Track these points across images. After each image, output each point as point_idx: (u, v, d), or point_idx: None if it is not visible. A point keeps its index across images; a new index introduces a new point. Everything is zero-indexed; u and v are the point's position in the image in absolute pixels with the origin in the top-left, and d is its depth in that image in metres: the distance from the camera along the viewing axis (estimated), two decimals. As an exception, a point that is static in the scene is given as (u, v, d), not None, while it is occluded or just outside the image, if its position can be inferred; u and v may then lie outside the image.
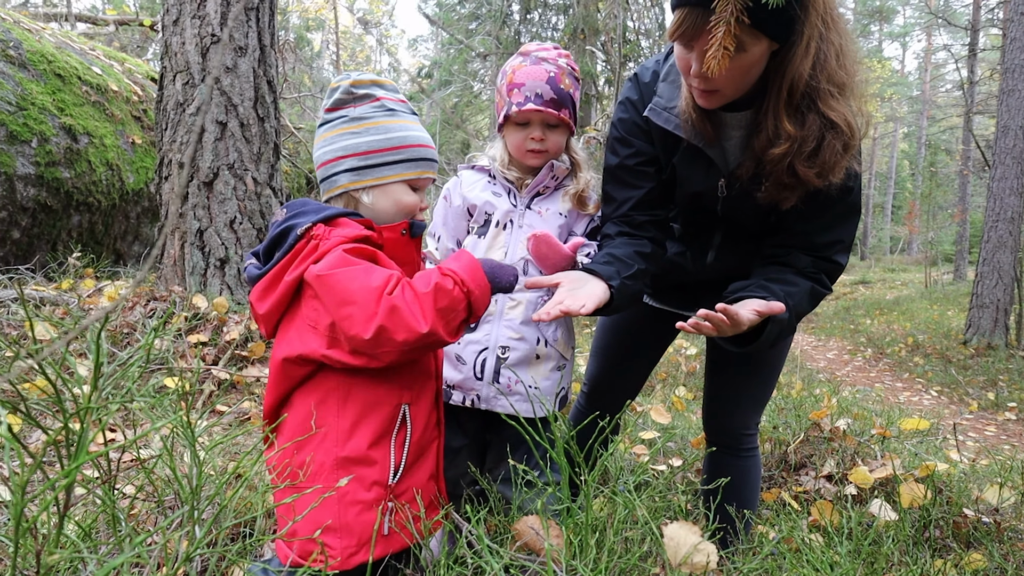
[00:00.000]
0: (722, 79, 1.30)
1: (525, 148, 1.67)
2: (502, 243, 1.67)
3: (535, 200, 1.71)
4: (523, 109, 1.61)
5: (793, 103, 1.30)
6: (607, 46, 8.96)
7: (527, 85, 1.62)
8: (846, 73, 1.30)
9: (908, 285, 19.18)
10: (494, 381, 1.63)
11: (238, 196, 3.54)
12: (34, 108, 3.92)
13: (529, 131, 1.65)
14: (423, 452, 1.28)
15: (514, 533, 1.13)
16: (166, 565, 0.67)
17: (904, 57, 37.40)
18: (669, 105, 1.50)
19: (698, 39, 1.25)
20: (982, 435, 5.14)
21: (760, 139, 1.36)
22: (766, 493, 2.46)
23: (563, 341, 1.71)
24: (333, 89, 1.31)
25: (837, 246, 1.52)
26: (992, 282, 8.55)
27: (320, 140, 1.32)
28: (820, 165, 1.31)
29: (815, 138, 1.30)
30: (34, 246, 4.12)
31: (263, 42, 3.69)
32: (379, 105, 1.29)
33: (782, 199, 1.41)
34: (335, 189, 1.30)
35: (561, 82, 1.63)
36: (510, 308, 1.66)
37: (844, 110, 1.29)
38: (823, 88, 1.28)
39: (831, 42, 1.27)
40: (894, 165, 34.37)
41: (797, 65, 1.26)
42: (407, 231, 1.27)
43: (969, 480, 2.49)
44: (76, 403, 0.69)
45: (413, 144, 1.30)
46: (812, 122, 1.30)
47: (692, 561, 0.91)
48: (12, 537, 0.56)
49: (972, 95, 15.14)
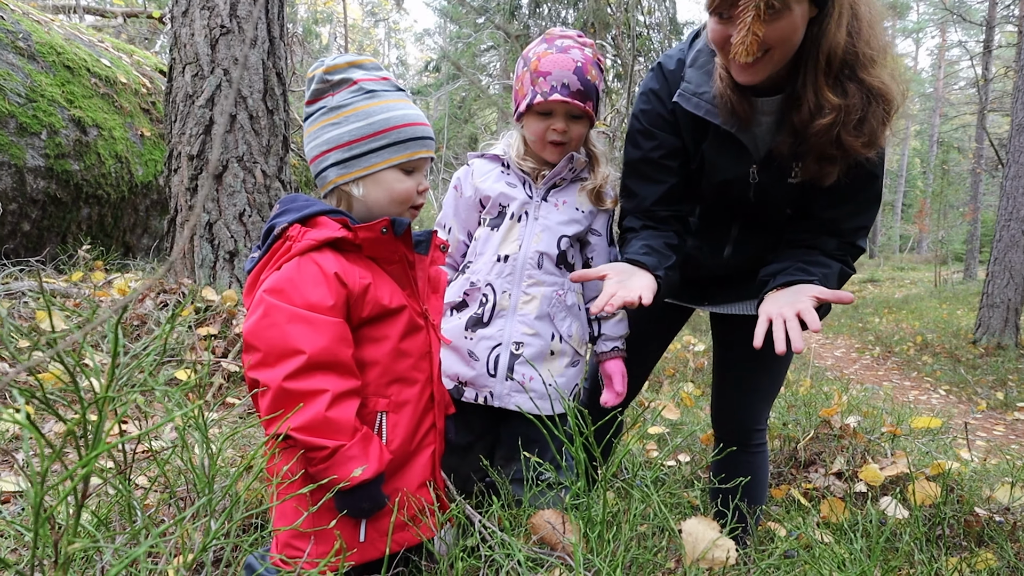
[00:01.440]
0: (772, 38, 1.26)
1: (546, 139, 1.61)
2: (516, 236, 1.63)
3: (551, 192, 1.67)
4: (550, 99, 1.55)
5: (832, 73, 1.30)
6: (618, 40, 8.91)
7: (554, 74, 1.56)
8: (877, 43, 1.29)
9: (917, 284, 19.07)
10: (508, 377, 1.60)
11: (247, 189, 3.54)
12: (43, 100, 3.93)
13: (551, 121, 1.59)
14: (408, 460, 1.23)
15: (530, 527, 1.12)
16: (183, 555, 0.66)
17: (917, 54, 37.05)
18: (699, 91, 1.47)
19: (736, 7, 1.23)
20: (991, 435, 5.10)
21: (801, 114, 1.34)
22: (775, 490, 2.45)
23: (577, 337, 1.68)
24: (310, 79, 1.23)
25: (861, 232, 1.52)
26: (1003, 281, 8.48)
27: (306, 135, 1.25)
28: (868, 134, 1.31)
29: (859, 107, 1.29)
30: (44, 238, 4.14)
31: (272, 34, 3.68)
32: (357, 89, 1.20)
33: (824, 175, 1.40)
34: (326, 185, 1.24)
35: (588, 73, 1.58)
36: (524, 303, 1.61)
37: (884, 76, 1.29)
38: (862, 56, 1.28)
39: (862, 14, 1.27)
40: (905, 163, 34.11)
41: (832, 34, 1.26)
42: (388, 229, 1.18)
43: (980, 479, 2.47)
44: (94, 393, 0.69)
45: (397, 125, 1.20)
46: (854, 91, 1.29)
47: (710, 557, 0.91)
48: (31, 527, 0.56)
49: (986, 92, 14.99)
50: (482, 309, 1.62)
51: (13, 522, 0.87)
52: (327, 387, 1.05)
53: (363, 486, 1.07)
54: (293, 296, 1.07)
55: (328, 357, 1.06)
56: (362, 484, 1.06)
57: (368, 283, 1.15)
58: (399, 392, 1.21)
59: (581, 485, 1.02)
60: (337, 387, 1.06)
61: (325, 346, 1.06)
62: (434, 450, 1.29)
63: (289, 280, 1.09)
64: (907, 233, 33.42)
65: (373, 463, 1.08)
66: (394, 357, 1.20)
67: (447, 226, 1.74)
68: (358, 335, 1.17)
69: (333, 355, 1.07)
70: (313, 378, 1.04)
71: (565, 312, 1.65)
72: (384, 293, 1.19)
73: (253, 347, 1.06)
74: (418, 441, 1.25)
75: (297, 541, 1.13)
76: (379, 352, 1.19)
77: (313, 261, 1.10)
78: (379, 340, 1.19)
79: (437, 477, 1.30)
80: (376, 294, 1.17)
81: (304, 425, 1.02)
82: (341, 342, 1.09)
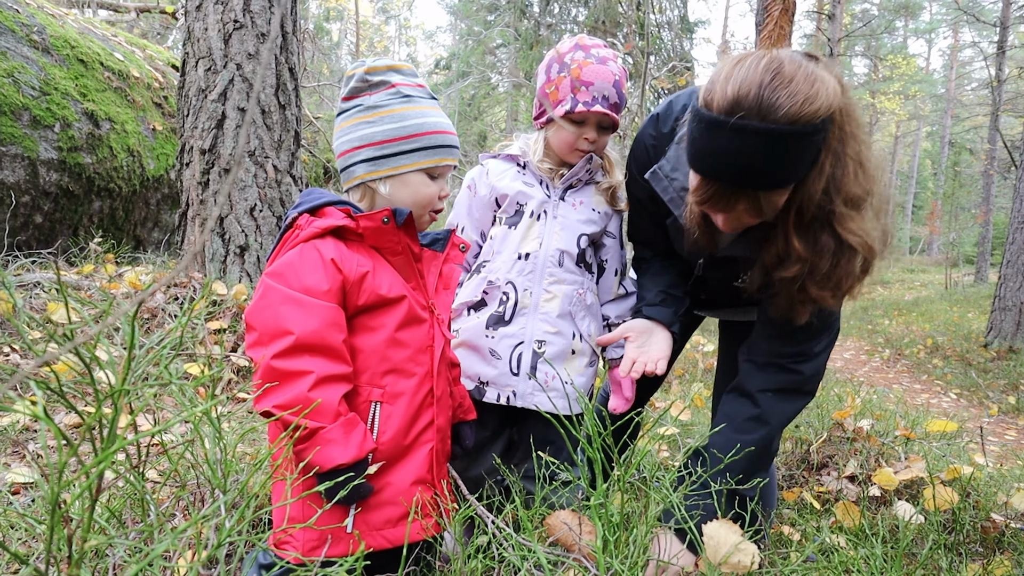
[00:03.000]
0: (750, 222, 1.25)
1: (575, 147, 1.62)
2: (536, 234, 1.63)
3: (568, 192, 1.68)
4: (592, 109, 1.55)
5: (803, 222, 1.22)
6: (628, 38, 8.88)
7: (596, 85, 1.56)
8: (863, 186, 1.21)
9: (928, 286, 18.93)
10: (531, 376, 1.59)
11: (259, 184, 3.54)
12: (57, 93, 3.94)
13: (584, 130, 1.60)
14: (402, 455, 1.22)
15: (546, 528, 1.11)
16: (197, 551, 0.65)
17: (930, 54, 36.77)
18: (672, 175, 1.42)
19: (731, 209, 1.19)
20: (1003, 439, 5.05)
21: (769, 254, 1.29)
22: (787, 492, 2.43)
23: (596, 335, 1.69)
24: (349, 77, 1.28)
25: (799, 357, 1.45)
26: (1016, 284, 8.39)
27: (338, 130, 1.29)
28: (835, 286, 1.24)
29: (829, 259, 1.22)
30: (56, 231, 4.15)
31: (285, 29, 3.68)
32: (395, 92, 1.26)
33: (795, 314, 1.34)
34: (352, 180, 1.28)
35: (623, 86, 1.61)
36: (546, 301, 1.61)
37: (860, 229, 1.21)
38: (837, 208, 1.19)
39: (848, 157, 1.18)
40: (916, 164, 33.86)
41: (809, 188, 1.18)
42: (390, 219, 1.21)
43: (995, 484, 2.44)
44: (109, 386, 0.68)
45: (430, 131, 1.26)
46: (825, 242, 1.22)
47: (734, 561, 0.89)
48: (47, 522, 0.55)
49: (1000, 94, 14.84)
50: (503, 307, 1.61)
51: (26, 514, 0.86)
52: (312, 369, 1.08)
53: (342, 470, 1.08)
54: (291, 279, 1.12)
55: (316, 340, 1.09)
56: (341, 468, 1.08)
57: (366, 271, 1.18)
58: (394, 383, 1.22)
59: (599, 486, 1.00)
60: (323, 370, 1.09)
61: (315, 329, 1.09)
62: (433, 448, 1.27)
63: (289, 264, 1.13)
64: (917, 235, 33.19)
65: (353, 449, 1.09)
66: (389, 346, 1.21)
67: (460, 226, 1.74)
68: (354, 322, 1.20)
69: (322, 338, 1.10)
70: (300, 359, 1.08)
71: (585, 311, 1.65)
72: (383, 283, 1.21)
73: (251, 327, 1.12)
74: (414, 436, 1.24)
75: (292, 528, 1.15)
76: (374, 340, 1.20)
77: (315, 248, 1.15)
78: (375, 329, 1.21)
79: (436, 477, 1.29)
80: (374, 283, 1.19)
81: (285, 403, 1.05)
82: (332, 327, 1.12)
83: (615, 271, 1.74)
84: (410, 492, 1.22)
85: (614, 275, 1.74)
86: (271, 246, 1.26)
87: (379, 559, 1.20)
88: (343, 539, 1.15)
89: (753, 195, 1.12)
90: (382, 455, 1.18)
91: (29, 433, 2.01)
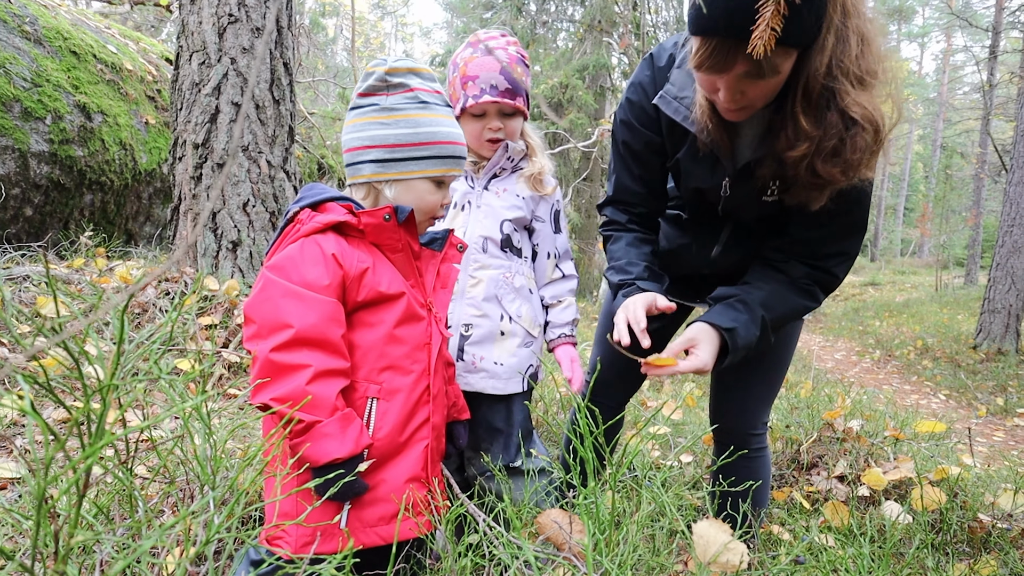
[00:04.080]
0: (752, 98, 1.24)
1: (484, 138, 1.70)
2: (461, 223, 1.72)
3: (492, 182, 1.76)
4: (480, 101, 1.63)
5: (811, 101, 1.23)
6: (624, 38, 8.88)
7: (481, 77, 1.64)
8: (867, 64, 1.20)
9: (918, 288, 19.05)
10: (459, 359, 1.65)
11: (252, 179, 3.52)
12: (49, 85, 3.91)
13: (486, 121, 1.68)
14: (398, 452, 1.23)
15: (536, 527, 1.11)
16: (185, 548, 0.65)
17: (922, 58, 36.97)
18: (681, 95, 1.42)
19: (730, 69, 1.18)
20: (991, 440, 5.10)
21: (780, 141, 1.29)
22: (777, 492, 2.44)
23: (528, 318, 1.72)
24: (368, 74, 1.27)
25: (838, 258, 1.47)
26: (1005, 287, 8.46)
27: (349, 125, 1.28)
28: (844, 163, 1.24)
29: (836, 135, 1.22)
30: (46, 224, 4.12)
31: (280, 23, 3.65)
32: (412, 96, 1.25)
33: (810, 200, 1.35)
34: (358, 177, 1.28)
35: (514, 71, 1.66)
36: (471, 286, 1.68)
37: (867, 104, 1.21)
38: (841, 83, 1.19)
39: (851, 32, 1.18)
40: (908, 167, 34.06)
41: (813, 64, 1.18)
42: (391, 216, 1.22)
43: (982, 485, 2.46)
44: (98, 380, 0.67)
45: (442, 141, 1.26)
46: (832, 119, 1.22)
47: (723, 561, 0.89)
48: (32, 517, 0.55)
49: (991, 98, 14.94)
50: None
51: (11, 509, 0.85)
52: (310, 362, 1.08)
53: (336, 465, 1.08)
54: (291, 273, 1.12)
55: (315, 334, 1.09)
56: (336, 463, 1.08)
57: (366, 267, 1.18)
58: (392, 379, 1.22)
59: (591, 484, 1.00)
60: (321, 364, 1.09)
61: (314, 323, 1.09)
62: (428, 445, 1.27)
63: (290, 258, 1.13)
64: (908, 237, 33.40)
65: (348, 444, 1.09)
66: (387, 342, 1.22)
67: None
68: (353, 318, 1.21)
69: (321, 332, 1.10)
70: (298, 352, 1.08)
71: (514, 294, 1.71)
72: (383, 279, 1.21)
73: (250, 319, 1.12)
74: (410, 433, 1.25)
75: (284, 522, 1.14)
76: (372, 336, 1.21)
77: (315, 242, 1.15)
78: (373, 325, 1.21)
79: (430, 474, 1.29)
80: (374, 279, 1.19)
81: (282, 396, 1.06)
82: (331, 321, 1.12)
83: (547, 254, 1.81)
84: (404, 489, 1.22)
85: (547, 258, 1.81)
86: (264, 242, 1.27)
87: (369, 556, 1.20)
88: (335, 535, 1.15)
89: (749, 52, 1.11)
90: (378, 451, 1.18)
91: (16, 428, 1.99)
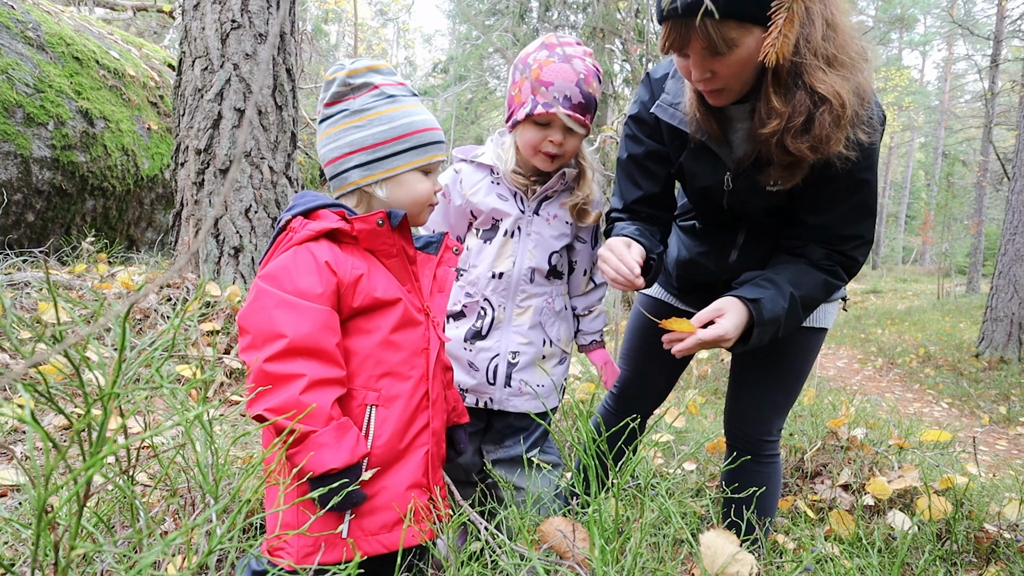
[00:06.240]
0: (724, 77, 1.31)
1: (540, 149, 1.60)
2: (510, 252, 1.66)
3: (543, 204, 1.69)
4: (551, 111, 1.53)
5: (781, 81, 1.30)
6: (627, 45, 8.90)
7: (556, 85, 1.53)
8: (835, 46, 1.28)
9: (920, 296, 19.03)
10: (506, 385, 1.67)
11: (254, 185, 3.52)
12: (51, 91, 3.91)
13: (548, 132, 1.57)
14: (398, 459, 1.21)
15: (539, 535, 1.09)
16: (187, 558, 0.64)
17: (923, 66, 37.05)
18: (675, 101, 1.51)
19: (689, 46, 1.27)
20: (993, 449, 5.07)
21: (755, 122, 1.36)
22: (782, 501, 2.42)
23: (566, 339, 1.77)
24: (329, 82, 1.26)
25: (854, 241, 1.50)
26: (1007, 295, 8.45)
27: (323, 137, 1.27)
28: (812, 139, 1.30)
29: (804, 112, 1.28)
30: (48, 230, 4.12)
31: (283, 30, 3.66)
32: (379, 93, 1.24)
33: (785, 179, 1.41)
34: (346, 186, 1.27)
35: (590, 85, 1.57)
36: (518, 315, 1.68)
37: (835, 83, 1.27)
38: (809, 63, 1.27)
39: (817, 15, 1.25)
40: (909, 175, 34.08)
41: None
42: (384, 221, 1.20)
43: (987, 495, 2.44)
44: (99, 388, 0.66)
45: (419, 130, 1.26)
46: (800, 97, 1.28)
47: (730, 572, 0.88)
48: (32, 527, 0.54)
49: (993, 106, 14.96)
50: (480, 322, 1.68)
51: (11, 519, 0.84)
52: (304, 372, 1.06)
53: (334, 476, 1.07)
54: (284, 282, 1.11)
55: (310, 343, 1.08)
56: (333, 474, 1.06)
57: (361, 274, 1.17)
58: (390, 386, 1.21)
59: (594, 490, 0.99)
60: (316, 373, 1.08)
61: (308, 332, 1.08)
62: (428, 451, 1.26)
63: (283, 267, 1.12)
64: (910, 245, 33.39)
65: (344, 453, 1.08)
66: (384, 349, 1.20)
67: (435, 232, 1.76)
68: (349, 325, 1.19)
69: (315, 342, 1.09)
70: (292, 362, 1.07)
71: (554, 318, 1.73)
72: (378, 285, 1.20)
73: (244, 330, 1.10)
74: (410, 440, 1.23)
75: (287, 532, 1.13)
76: (369, 343, 1.19)
77: (308, 250, 1.14)
78: (370, 331, 1.20)
79: (431, 481, 1.27)
80: (369, 285, 1.18)
81: (277, 407, 1.04)
82: (326, 330, 1.11)
83: (584, 271, 1.80)
84: (406, 497, 1.20)
85: (583, 274, 1.81)
86: (266, 248, 1.25)
87: (371, 565, 1.18)
88: (338, 545, 1.14)
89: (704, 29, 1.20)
90: (377, 459, 1.17)
91: (17, 435, 1.98)
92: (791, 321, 1.45)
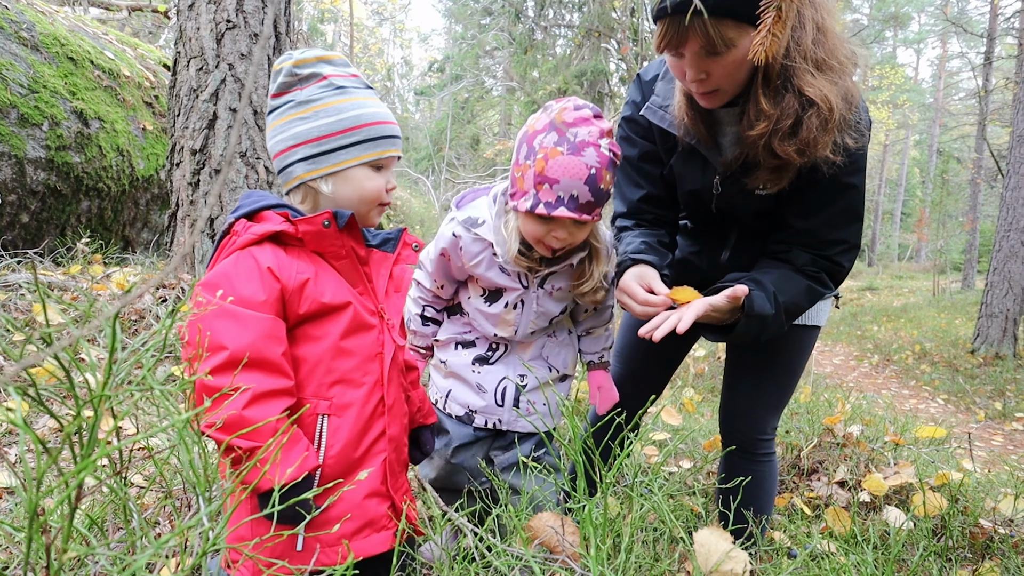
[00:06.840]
0: (718, 78, 1.31)
1: (544, 242, 1.46)
2: (512, 320, 1.65)
3: (547, 279, 1.60)
4: (552, 214, 1.37)
5: (770, 84, 1.30)
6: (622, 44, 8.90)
7: (562, 183, 1.35)
8: (825, 50, 1.29)
9: (916, 292, 19.09)
10: (515, 406, 1.68)
11: (249, 185, 3.51)
12: (46, 91, 3.90)
13: (552, 228, 1.42)
14: (353, 468, 1.17)
15: (529, 531, 1.09)
16: (181, 560, 0.64)
17: (918, 64, 37.13)
18: (664, 104, 1.52)
19: (684, 45, 1.27)
20: (989, 445, 5.09)
21: (743, 124, 1.36)
22: (778, 498, 2.43)
23: (571, 363, 1.79)
24: (277, 72, 1.19)
25: (840, 246, 1.49)
26: (1002, 292, 8.48)
27: (270, 129, 1.20)
28: (799, 142, 1.30)
29: (792, 115, 1.29)
30: (43, 230, 4.10)
31: (278, 29, 3.65)
32: (327, 84, 1.17)
33: (772, 183, 1.41)
34: (292, 181, 1.19)
35: (602, 180, 1.37)
36: (523, 349, 1.71)
37: (823, 87, 1.28)
38: (798, 66, 1.27)
39: (808, 19, 1.26)
40: (904, 172, 34.17)
41: None
42: (331, 222, 1.12)
43: (983, 490, 2.45)
44: (89, 390, 0.66)
45: (369, 123, 1.17)
46: (789, 100, 1.29)
47: (724, 569, 0.88)
48: (25, 530, 0.54)
49: (987, 104, 15.01)
50: (491, 352, 1.71)
51: (3, 522, 0.84)
52: (248, 385, 1.01)
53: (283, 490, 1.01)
54: (224, 290, 1.05)
55: (253, 354, 1.02)
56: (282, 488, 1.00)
57: (307, 279, 1.12)
58: (342, 394, 1.16)
59: (580, 486, 1.00)
60: (260, 386, 1.02)
61: (250, 342, 1.03)
62: (387, 459, 1.21)
63: (223, 274, 1.07)
64: (906, 242, 33.49)
65: (292, 468, 1.02)
66: (335, 356, 1.15)
67: (435, 280, 1.67)
68: (296, 332, 1.14)
69: (258, 352, 1.03)
70: (234, 375, 1.01)
71: (558, 348, 1.75)
72: (326, 289, 1.14)
73: (185, 342, 1.04)
74: (365, 448, 1.18)
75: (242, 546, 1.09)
76: (318, 350, 1.14)
77: (251, 255, 1.08)
78: (319, 338, 1.14)
79: (392, 487, 1.23)
80: (316, 290, 1.13)
81: (222, 424, 0.98)
82: (269, 339, 1.06)
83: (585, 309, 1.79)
84: (364, 505, 1.16)
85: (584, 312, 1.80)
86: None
87: (363, 569, 1.17)
88: (295, 557, 1.09)
89: (702, 28, 1.20)
90: (331, 470, 1.12)
91: (12, 436, 1.97)
92: (775, 324, 1.44)
